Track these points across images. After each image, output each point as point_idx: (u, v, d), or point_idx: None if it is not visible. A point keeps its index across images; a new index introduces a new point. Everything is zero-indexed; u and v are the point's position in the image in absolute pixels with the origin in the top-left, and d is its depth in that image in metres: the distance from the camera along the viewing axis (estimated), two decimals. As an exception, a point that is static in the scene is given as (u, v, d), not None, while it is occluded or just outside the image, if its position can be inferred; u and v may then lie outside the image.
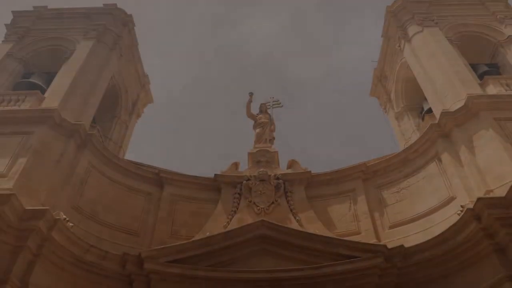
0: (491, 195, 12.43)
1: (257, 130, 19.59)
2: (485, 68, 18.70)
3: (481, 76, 17.35)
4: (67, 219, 12.69)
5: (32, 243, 11.61)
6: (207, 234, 14.67)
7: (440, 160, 15.01)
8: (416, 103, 21.06)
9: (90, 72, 18.01)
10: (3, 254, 11.22)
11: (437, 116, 15.84)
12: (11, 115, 14.89)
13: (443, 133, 15.31)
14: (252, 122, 20.24)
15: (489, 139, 13.92)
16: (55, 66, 18.66)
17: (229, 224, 15.47)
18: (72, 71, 17.44)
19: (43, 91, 17.04)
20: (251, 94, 20.58)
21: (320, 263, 13.55)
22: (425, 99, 18.70)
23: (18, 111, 15.20)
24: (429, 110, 18.32)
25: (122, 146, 20.39)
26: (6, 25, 20.48)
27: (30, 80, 18.53)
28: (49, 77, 18.32)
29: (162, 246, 14.04)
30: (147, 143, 47.72)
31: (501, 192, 12.10)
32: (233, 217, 15.82)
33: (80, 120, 15.68)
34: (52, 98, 16.09)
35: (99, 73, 18.44)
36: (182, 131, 54.99)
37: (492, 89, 15.98)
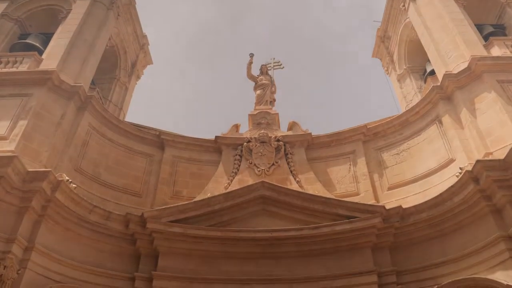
0: (491, 157, 12.49)
1: (258, 92, 19.46)
2: (491, 29, 18.29)
3: (486, 37, 17.00)
4: (70, 180, 12.86)
5: (36, 204, 11.84)
6: (208, 195, 14.92)
7: (441, 123, 15.00)
8: (419, 65, 20.78)
9: (88, 33, 17.67)
10: (9, 215, 11.48)
11: (440, 78, 15.67)
12: (9, 77, 14.74)
13: (445, 95, 15.20)
14: (253, 83, 20.06)
15: (491, 101, 13.83)
16: (51, 26, 18.29)
17: (230, 185, 15.69)
18: (69, 32, 17.09)
19: (40, 52, 16.79)
20: (251, 55, 20.29)
21: (319, 223, 13.86)
22: (428, 60, 18.43)
23: (16, 73, 15.04)
24: (432, 72, 18.12)
25: (122, 108, 20.33)
26: (-1, -17, 19.89)
27: (27, 41, 18.19)
28: (46, 38, 18.00)
29: (164, 207, 14.31)
30: (148, 106, 47.62)
31: (500, 155, 12.15)
32: (233, 178, 16.01)
33: (79, 82, 15.55)
34: (50, 59, 15.88)
35: (96, 34, 18.09)
36: (183, 93, 54.66)
37: (497, 50, 15.70)
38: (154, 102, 52.19)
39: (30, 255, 11.30)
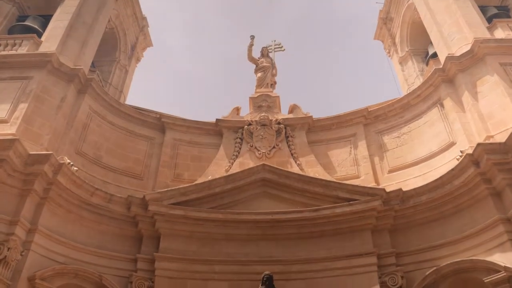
0: (491, 140, 12.48)
1: (259, 75, 19.34)
2: (495, 11, 18.05)
3: (490, 19, 16.81)
4: (71, 163, 12.92)
5: (38, 186, 11.91)
6: (209, 177, 14.99)
7: (442, 106, 14.95)
8: (421, 47, 20.59)
9: (87, 15, 17.47)
10: (11, 197, 11.57)
11: (442, 60, 15.55)
12: (8, 60, 14.63)
13: (447, 78, 15.11)
14: (254, 66, 19.93)
15: (493, 84, 13.74)
16: (50, 8, 18.05)
17: (230, 168, 15.74)
18: (68, 14, 16.89)
19: (39, 34, 16.63)
20: (252, 37, 20.07)
21: (319, 205, 13.96)
22: (431, 43, 18.24)
23: (16, 55, 14.93)
24: (434, 55, 17.96)
25: (122, 91, 20.25)
26: (-4, -36, 19.59)
27: (25, 23, 18.00)
28: (45, 20, 17.81)
29: (165, 189, 14.39)
30: (148, 89, 47.45)
31: (501, 138, 12.13)
32: (234, 161, 16.06)
33: (79, 65, 15.46)
34: (49, 42, 15.73)
35: (96, 16, 17.88)
36: (183, 76, 54.38)
37: (501, 33, 15.54)
38: (154, 85, 51.98)
39: (33, 237, 11.42)
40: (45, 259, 11.64)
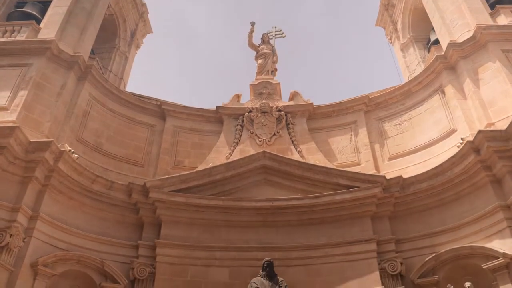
0: (492, 128, 12.46)
1: (259, 61, 19.24)
2: (498, -4, 17.84)
3: (492, 5, 16.59)
4: (72, 150, 12.93)
5: (39, 174, 11.95)
6: (210, 164, 15.02)
7: (443, 93, 14.89)
8: (423, 34, 20.40)
9: (86, 1, 17.24)
10: (12, 184, 11.61)
11: (444, 47, 15.45)
12: (7, 47, 14.53)
13: (448, 65, 15.01)
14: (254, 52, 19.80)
15: (495, 71, 13.66)
16: (48, -6, 17.89)
17: (231, 155, 15.76)
18: (67, 0, 16.78)
19: (38, 21, 16.47)
20: (252, 23, 19.91)
21: (320, 192, 14.02)
22: (433, 29, 18.08)
23: (15, 42, 14.82)
24: (436, 41, 17.82)
25: (122, 78, 20.15)
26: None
27: (24, 9, 17.79)
28: (43, 7, 17.57)
29: (166, 176, 14.43)
30: (148, 76, 47.25)
31: (502, 125, 12.12)
32: (235, 148, 16.07)
33: (78, 51, 15.36)
34: (48, 28, 15.61)
35: (95, 2, 17.66)
36: (184, 63, 54.08)
37: (503, 19, 15.37)
38: (154, 72, 51.75)
39: (35, 223, 11.49)
40: (47, 245, 11.73)
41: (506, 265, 10.88)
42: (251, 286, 12.47)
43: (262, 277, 12.56)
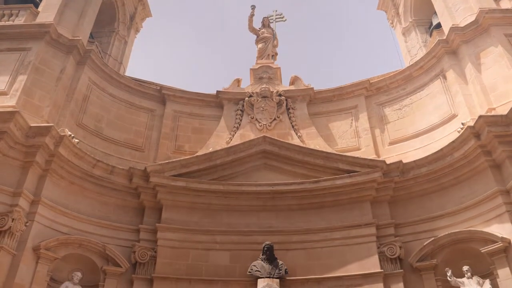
0: (493, 113, 12.43)
1: (260, 45, 19.10)
2: (501, -21, 17.61)
3: (496, -12, 16.42)
4: (72, 135, 12.94)
5: (40, 159, 11.99)
6: (210, 149, 15.05)
7: (445, 77, 14.81)
8: (425, 18, 20.17)
9: (84, -16, 17.09)
10: (13, 169, 11.68)
11: (446, 31, 15.28)
12: (6, 31, 14.39)
13: (450, 49, 14.89)
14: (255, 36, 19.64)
15: (497, 56, 13.55)
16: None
17: (231, 140, 15.77)
18: (65, -17, 16.55)
19: (36, 4, 16.27)
20: (253, 7, 19.69)
21: (320, 177, 14.07)
22: (435, 13, 17.86)
23: (13, 26, 14.68)
24: (438, 26, 17.63)
25: (122, 62, 20.00)
26: None
27: (22, -8, 17.64)
28: (41, -11, 17.43)
29: (166, 161, 14.47)
30: (148, 60, 46.94)
31: (503, 110, 12.09)
32: (235, 133, 16.07)
33: (77, 35, 15.23)
34: (47, 12, 15.44)
35: (93, -16, 17.50)
36: (183, 48, 53.70)
37: (507, 3, 15.21)
38: (154, 56, 51.41)
39: (36, 208, 11.59)
40: (49, 229, 11.84)
41: (504, 249, 10.99)
42: (252, 269, 12.67)
43: (262, 260, 12.76)
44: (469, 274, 11.27)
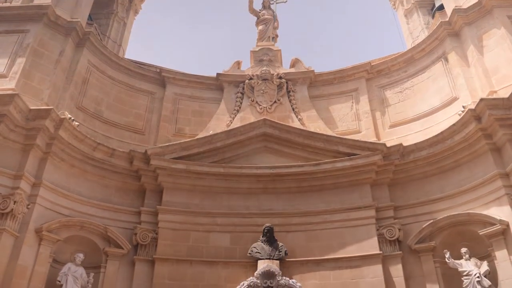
0: (495, 96, 12.36)
1: (260, 27, 18.91)
2: (506, -41, 17.29)
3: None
4: (72, 118, 12.93)
5: (40, 141, 12.00)
6: (211, 132, 15.06)
7: (446, 60, 14.68)
8: (427, -1, 19.95)
9: (82, -36, 16.80)
10: (14, 152, 11.71)
11: (448, 13, 15.09)
12: (3, 13, 14.22)
13: (453, 31, 14.72)
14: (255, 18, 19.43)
15: (499, 38, 13.40)
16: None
17: (232, 122, 15.75)
18: (62, -37, 16.27)
19: (33, -15, 16.09)
20: (253, -12, 19.43)
21: (320, 160, 14.11)
22: (438, -6, 17.68)
23: (11, 8, 14.49)
24: (441, 7, 17.42)
25: (121, 45, 19.82)
26: None
27: (19, -27, 17.36)
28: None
29: (167, 144, 14.49)
30: (147, 43, 46.52)
31: (505, 93, 12.01)
32: (235, 116, 16.04)
33: (76, 17, 15.05)
34: (44, -7, 15.27)
35: (91, -35, 17.21)
36: (183, 29, 53.14)
37: (510, -16, 14.97)
38: (153, 39, 50.91)
39: (38, 190, 11.65)
40: (50, 212, 11.93)
41: (502, 232, 11.08)
42: (252, 251, 12.81)
43: (262, 242, 12.90)
44: (467, 256, 11.37)
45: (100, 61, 15.58)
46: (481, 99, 12.02)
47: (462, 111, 12.54)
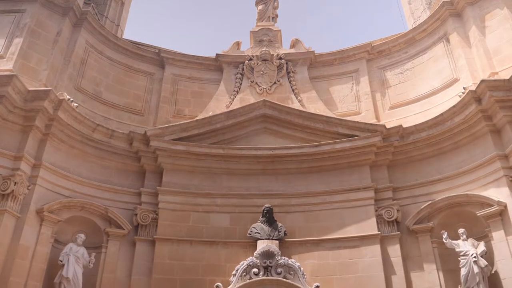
0: (496, 77, 12.28)
1: (260, 7, 18.67)
2: None
3: None
4: (71, 99, 12.87)
5: (40, 123, 11.97)
6: (210, 113, 15.03)
7: (448, 41, 14.53)
8: (430, -22, 19.62)
9: None
10: (14, 133, 11.69)
11: (451, -8, 14.88)
12: (-1, -9, 14.05)
13: (455, 11, 14.51)
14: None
15: (502, 18, 13.22)
16: None
17: (231, 104, 15.70)
18: None
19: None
20: (253, -34, 19.09)
21: (320, 141, 14.12)
22: (441, -27, 17.35)
23: (6, -14, 14.30)
24: (443, -14, 17.13)
25: (119, 25, 19.55)
26: None
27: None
28: None
29: (166, 125, 14.47)
30: (145, 23, 45.93)
31: (506, 75, 11.91)
32: (235, 97, 15.98)
33: (73, -4, 14.85)
34: (40, -29, 15.00)
35: None
36: (182, 9, 52.42)
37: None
38: (151, 19, 50.26)
39: (38, 172, 11.69)
40: (51, 193, 11.99)
41: (499, 213, 11.16)
42: (251, 231, 12.95)
43: (262, 222, 13.03)
44: (464, 236, 11.49)
45: (98, 42, 15.42)
46: (482, 81, 11.95)
47: (463, 93, 12.48)
